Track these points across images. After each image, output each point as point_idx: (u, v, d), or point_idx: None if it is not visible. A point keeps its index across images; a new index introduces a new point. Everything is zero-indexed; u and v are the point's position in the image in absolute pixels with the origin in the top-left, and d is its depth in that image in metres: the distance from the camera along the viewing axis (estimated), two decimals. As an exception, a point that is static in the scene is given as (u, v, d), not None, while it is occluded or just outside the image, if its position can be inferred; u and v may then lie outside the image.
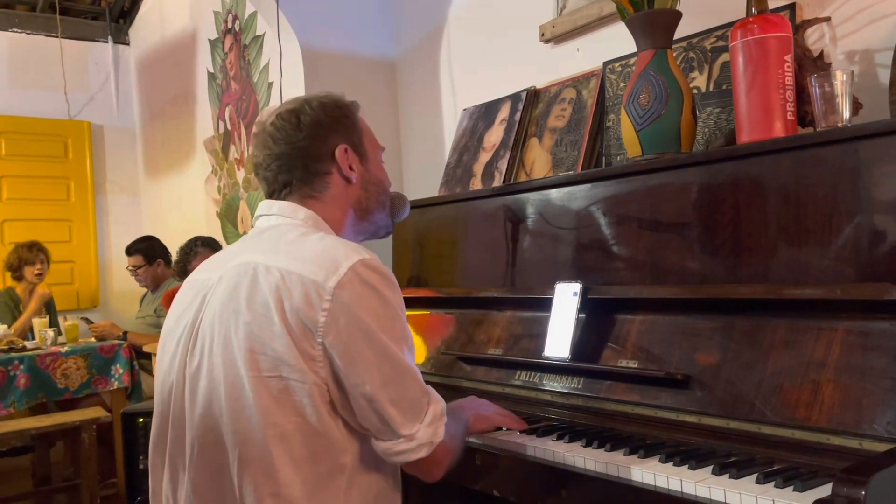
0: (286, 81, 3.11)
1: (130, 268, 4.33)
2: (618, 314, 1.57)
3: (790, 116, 1.47)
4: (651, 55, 1.64)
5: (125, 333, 4.05)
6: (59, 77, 5.20)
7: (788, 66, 1.47)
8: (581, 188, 1.74)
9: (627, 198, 1.64)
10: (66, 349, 3.70)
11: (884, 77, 1.57)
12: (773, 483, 1.07)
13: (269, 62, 3.65)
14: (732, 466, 1.14)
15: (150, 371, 3.95)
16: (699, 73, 1.79)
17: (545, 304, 1.68)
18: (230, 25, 4.11)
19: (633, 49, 1.73)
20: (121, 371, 3.78)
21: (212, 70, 4.39)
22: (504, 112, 2.32)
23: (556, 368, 1.62)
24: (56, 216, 5.28)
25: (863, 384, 1.14)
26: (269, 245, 1.21)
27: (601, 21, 2.21)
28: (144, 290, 4.48)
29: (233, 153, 4.16)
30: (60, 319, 4.32)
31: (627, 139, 1.69)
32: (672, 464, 1.20)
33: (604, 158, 2.00)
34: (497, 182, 2.21)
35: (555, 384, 1.62)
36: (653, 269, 1.56)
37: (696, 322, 1.42)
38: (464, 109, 2.56)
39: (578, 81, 2.12)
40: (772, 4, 1.56)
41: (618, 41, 2.03)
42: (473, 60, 2.77)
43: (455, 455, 1.22)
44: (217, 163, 4.36)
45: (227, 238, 4.22)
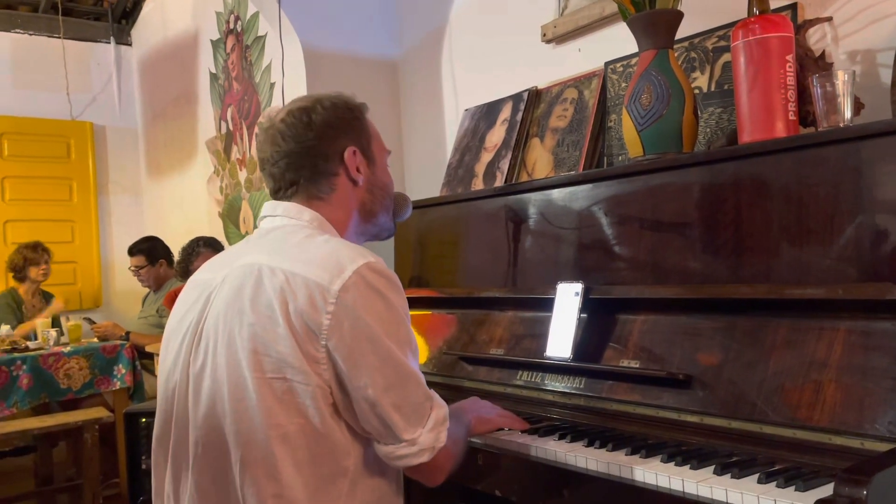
0: (288, 82, 3.12)
1: (133, 268, 4.34)
2: (619, 314, 1.57)
3: (792, 116, 1.47)
4: (653, 55, 1.64)
5: (127, 333, 4.06)
6: (62, 78, 5.21)
7: (790, 66, 1.47)
8: (583, 188, 1.74)
9: (629, 198, 1.64)
10: (69, 349, 3.70)
11: (885, 77, 1.57)
12: (775, 483, 1.07)
13: (271, 63, 3.65)
14: (734, 466, 1.14)
15: (153, 371, 3.96)
16: (701, 73, 1.79)
17: (547, 304, 1.68)
18: (232, 26, 4.11)
19: (635, 49, 1.73)
20: (123, 371, 3.79)
21: (214, 70, 4.39)
22: (506, 112, 2.32)
23: (558, 368, 1.62)
24: (58, 216, 5.29)
25: (864, 384, 1.14)
26: (274, 246, 1.21)
27: (603, 21, 2.21)
28: (147, 291, 4.49)
29: (235, 153, 4.16)
30: (63, 320, 4.33)
31: (629, 139, 1.69)
32: (674, 464, 1.20)
33: (605, 158, 2.00)
34: (499, 182, 2.21)
35: (556, 384, 1.62)
36: (654, 269, 1.56)
37: (698, 322, 1.42)
38: (465, 109, 2.56)
39: (580, 81, 2.12)
40: (773, 4, 1.56)
41: (619, 41, 2.03)
42: (475, 60, 2.77)
43: (457, 460, 1.22)
44: (219, 163, 4.37)
45: (229, 238, 4.23)
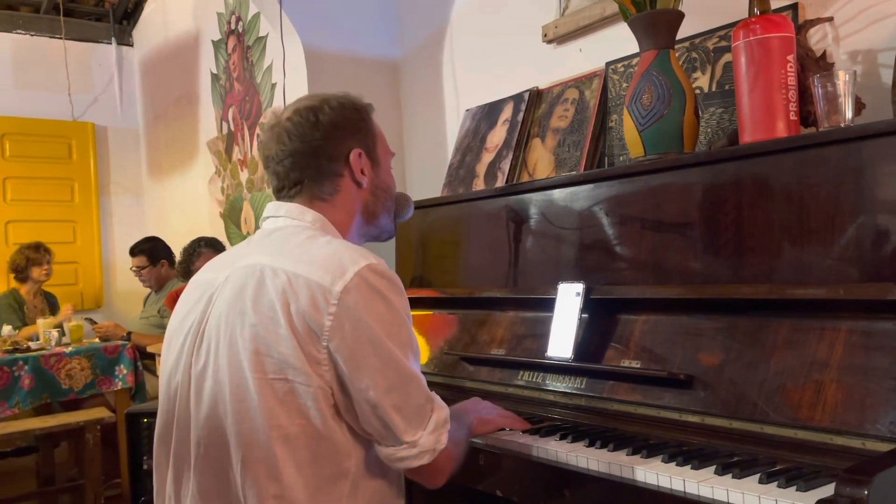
0: (289, 82, 3.12)
1: (134, 268, 4.35)
2: (621, 314, 1.57)
3: (793, 116, 1.47)
4: (653, 55, 1.64)
5: (129, 334, 4.06)
6: (63, 78, 5.21)
7: (791, 67, 1.47)
8: (584, 188, 1.74)
9: (630, 198, 1.64)
10: (71, 350, 3.71)
11: (886, 77, 1.57)
12: (776, 483, 1.07)
13: (273, 63, 3.65)
14: (735, 466, 1.14)
15: (154, 371, 3.96)
16: (702, 74, 1.79)
17: (548, 305, 1.68)
18: (233, 27, 4.11)
19: (636, 49, 1.73)
20: (125, 371, 3.79)
21: (215, 71, 4.39)
22: (507, 112, 2.32)
23: (559, 369, 1.62)
24: (60, 217, 5.29)
25: (866, 384, 1.14)
26: (277, 247, 1.21)
27: (604, 21, 2.21)
28: (148, 291, 4.49)
29: (236, 154, 4.16)
30: (60, 313, 4.34)
31: (630, 139, 1.69)
32: (675, 464, 1.20)
33: (606, 159, 2.00)
34: (500, 182, 2.21)
35: (558, 384, 1.62)
36: (655, 270, 1.56)
37: (699, 322, 1.42)
38: (466, 110, 2.56)
39: (581, 82, 2.13)
40: (774, 4, 1.56)
41: (620, 41, 2.03)
42: (476, 61, 2.77)
43: (458, 462, 1.22)
44: (220, 164, 4.37)
45: (231, 238, 4.23)
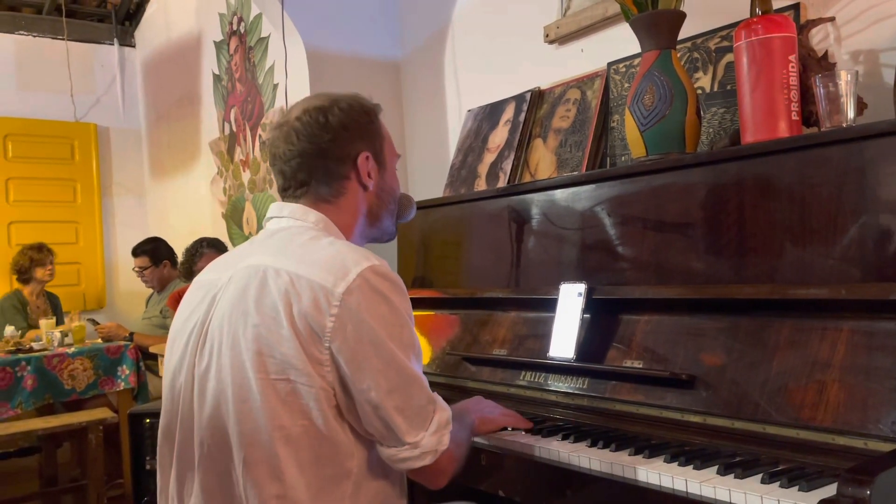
0: (291, 83, 3.12)
1: (136, 269, 4.35)
2: (623, 314, 1.57)
3: (795, 116, 1.47)
4: (655, 56, 1.64)
5: (131, 334, 4.07)
6: (66, 79, 5.22)
7: (793, 67, 1.47)
8: (585, 189, 1.74)
9: (632, 198, 1.64)
10: (73, 350, 3.71)
11: (888, 77, 1.57)
12: (779, 483, 1.07)
13: (274, 64, 3.65)
14: (737, 466, 1.14)
15: (157, 372, 3.97)
16: (703, 74, 1.79)
17: (550, 305, 1.68)
18: (235, 27, 4.12)
19: (638, 50, 1.73)
20: (127, 372, 3.79)
21: (217, 72, 4.40)
22: (508, 113, 2.32)
23: (561, 369, 1.62)
24: (62, 218, 5.30)
25: (868, 384, 1.14)
26: (279, 248, 1.21)
27: (605, 22, 2.21)
28: (150, 291, 4.50)
29: (238, 154, 4.17)
30: (67, 320, 4.34)
31: (632, 139, 1.69)
32: (677, 464, 1.21)
33: (608, 159, 2.00)
34: (501, 183, 2.22)
35: (560, 384, 1.62)
36: (657, 270, 1.56)
37: (701, 322, 1.43)
38: (468, 110, 2.56)
39: (583, 82, 2.13)
40: (776, 4, 1.56)
41: (622, 42, 2.03)
42: (478, 61, 2.77)
43: (459, 463, 1.22)
44: (222, 164, 4.37)
45: (233, 239, 4.23)
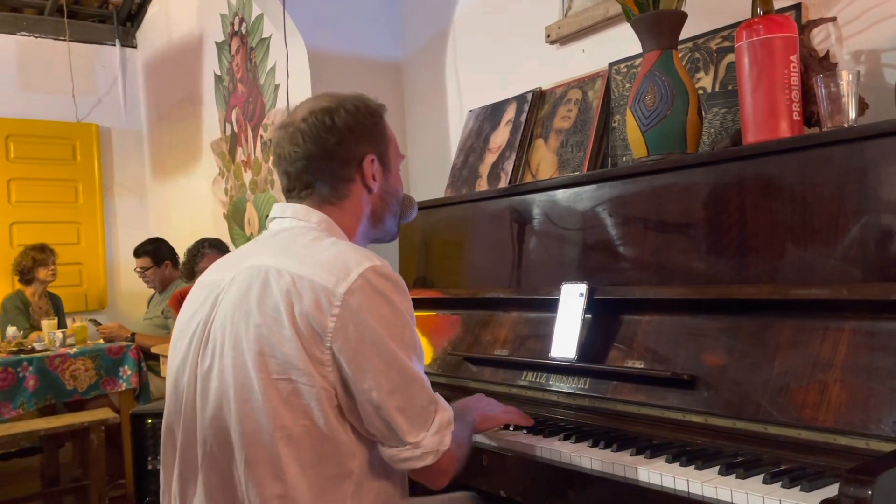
0: (293, 84, 3.13)
1: (138, 269, 4.36)
2: (624, 315, 1.57)
3: (796, 117, 1.47)
4: (656, 56, 1.64)
5: (133, 335, 4.07)
6: (67, 80, 5.22)
7: (794, 67, 1.47)
8: (587, 189, 1.74)
9: (633, 198, 1.64)
10: (75, 351, 3.71)
11: (890, 77, 1.57)
12: (780, 483, 1.07)
13: (276, 64, 3.66)
14: (739, 466, 1.14)
15: (158, 372, 3.97)
16: (705, 74, 1.79)
17: (551, 305, 1.68)
18: (237, 28, 4.12)
19: (639, 50, 1.73)
20: (129, 372, 3.80)
21: (218, 72, 4.40)
22: (510, 113, 2.32)
23: (563, 369, 1.62)
24: (64, 218, 5.31)
25: (869, 384, 1.13)
26: (282, 248, 1.21)
27: (607, 22, 2.21)
28: (152, 292, 4.50)
29: (239, 155, 4.17)
30: (69, 321, 4.35)
31: (633, 140, 1.69)
32: (679, 464, 1.21)
33: (609, 159, 2.00)
34: (503, 183, 2.22)
35: (561, 385, 1.62)
36: (659, 270, 1.56)
37: (703, 322, 1.42)
38: (469, 111, 2.56)
39: (584, 82, 2.13)
40: (777, 4, 1.56)
41: (623, 42, 2.03)
42: (479, 62, 2.78)
43: (461, 463, 1.22)
44: (224, 165, 4.38)
45: (234, 239, 4.24)
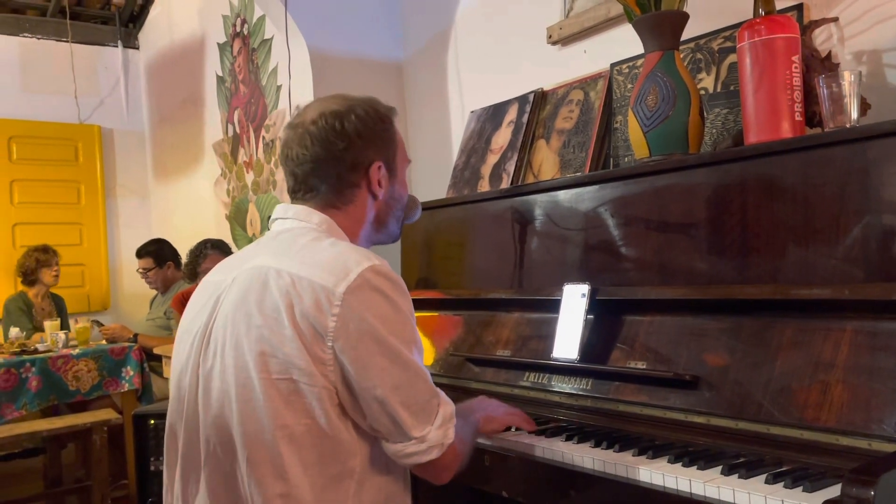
0: (294, 84, 3.13)
1: (140, 270, 4.36)
2: (626, 315, 1.57)
3: (798, 117, 1.47)
4: (658, 57, 1.64)
5: (135, 336, 4.08)
6: (70, 81, 5.23)
7: (796, 67, 1.47)
8: (589, 189, 1.74)
9: (635, 199, 1.64)
10: (77, 351, 3.72)
11: (892, 77, 1.57)
12: (783, 483, 1.07)
13: (278, 65, 3.67)
14: (741, 467, 1.15)
15: (161, 373, 3.98)
16: (706, 74, 1.79)
17: (553, 306, 1.68)
18: (239, 29, 4.13)
19: (641, 50, 1.73)
20: (131, 373, 3.80)
21: (220, 74, 4.41)
22: (511, 114, 2.33)
23: (565, 370, 1.62)
24: (67, 219, 5.32)
25: (871, 384, 1.13)
26: (282, 249, 1.22)
27: (608, 23, 2.21)
28: (154, 293, 4.51)
29: (242, 156, 4.17)
30: (71, 322, 4.35)
31: (635, 140, 1.69)
32: (681, 464, 1.21)
33: (611, 160, 2.00)
34: (505, 184, 2.22)
35: (563, 385, 1.62)
36: (661, 270, 1.56)
37: (705, 323, 1.43)
38: (471, 111, 2.56)
39: (586, 83, 2.13)
40: (779, 5, 1.56)
41: (625, 43, 2.03)
42: (480, 62, 2.78)
43: (464, 458, 1.23)
44: (226, 166, 4.38)
45: (237, 240, 4.24)
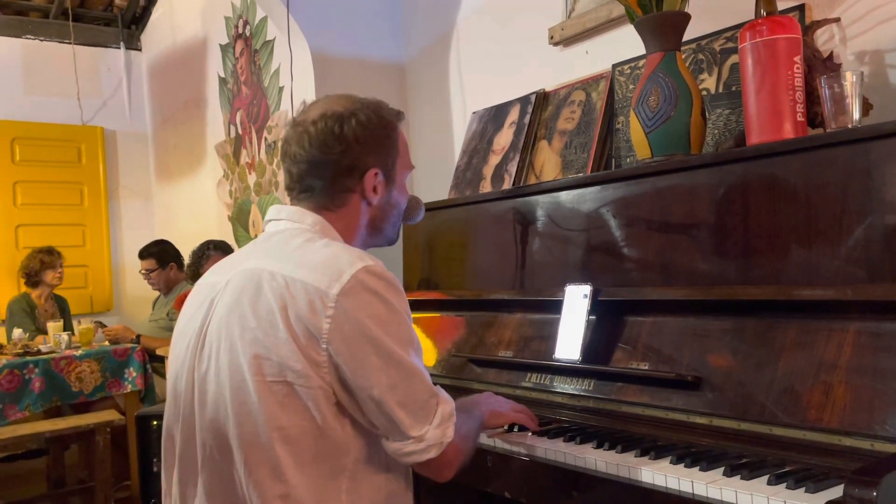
0: (297, 86, 3.13)
1: (143, 271, 4.37)
2: (628, 316, 1.57)
3: (800, 118, 1.47)
4: (660, 57, 1.64)
5: (138, 337, 4.08)
6: (72, 83, 5.24)
7: (798, 68, 1.46)
8: (591, 190, 1.74)
9: (637, 200, 1.64)
10: (80, 353, 3.72)
11: (894, 78, 1.57)
12: (785, 484, 1.07)
13: (280, 67, 3.67)
14: (744, 468, 1.14)
15: (163, 374, 3.98)
16: (708, 75, 1.79)
17: (555, 307, 1.68)
18: (241, 30, 4.13)
19: (642, 51, 1.73)
20: (134, 374, 3.81)
21: (223, 75, 4.41)
22: (513, 115, 2.33)
23: (567, 370, 1.62)
24: (70, 221, 5.33)
25: (874, 385, 1.13)
26: (275, 251, 1.21)
27: (610, 23, 2.21)
28: (157, 294, 4.52)
29: (244, 157, 4.18)
30: (74, 323, 4.36)
31: (637, 141, 1.69)
32: (683, 465, 1.21)
33: (613, 160, 2.00)
34: (507, 185, 2.22)
35: (566, 386, 1.62)
36: (663, 271, 1.56)
37: (707, 323, 1.43)
38: (473, 112, 2.56)
39: (587, 84, 2.13)
40: (781, 5, 1.56)
41: (627, 43, 2.03)
42: (482, 63, 2.78)
43: (466, 455, 1.22)
44: (228, 167, 4.39)
45: (239, 241, 4.25)
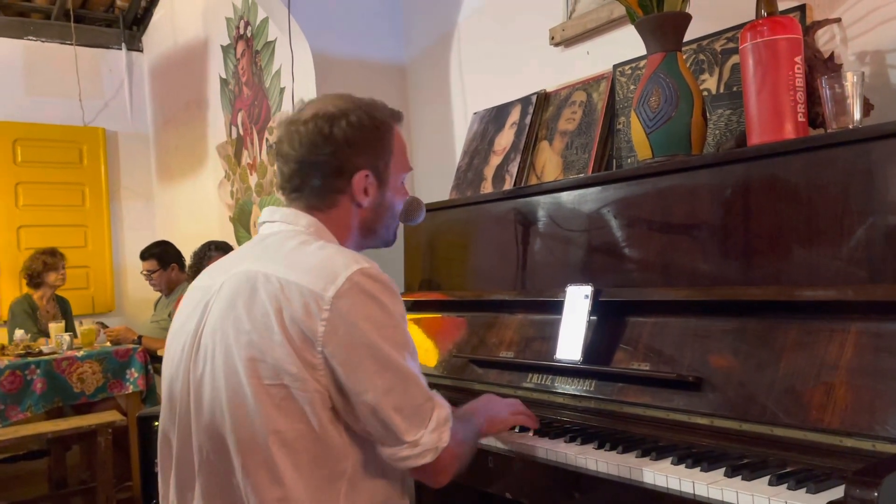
0: (298, 86, 3.13)
1: (145, 272, 4.37)
2: (629, 316, 1.57)
3: (801, 118, 1.47)
4: (661, 58, 1.64)
5: (140, 337, 4.09)
6: (74, 84, 5.25)
7: (799, 68, 1.46)
8: (592, 191, 1.74)
9: (638, 200, 1.64)
10: (82, 354, 3.73)
11: (895, 78, 1.57)
12: (786, 485, 1.07)
13: (281, 67, 3.67)
14: (745, 468, 1.14)
15: (165, 375, 3.98)
16: (709, 76, 1.79)
17: (556, 307, 1.68)
18: (242, 31, 4.14)
19: (643, 52, 1.73)
20: (136, 375, 3.81)
21: (224, 76, 4.42)
22: (514, 115, 2.33)
23: (568, 371, 1.62)
24: (71, 222, 5.33)
25: (875, 385, 1.13)
26: (270, 253, 1.20)
27: (611, 24, 2.21)
28: (158, 295, 4.52)
29: (245, 158, 4.18)
30: (76, 324, 4.37)
31: (638, 142, 1.69)
32: (684, 465, 1.21)
33: (614, 161, 2.00)
34: (508, 185, 2.22)
35: (567, 387, 1.62)
36: (664, 272, 1.56)
37: (708, 324, 1.42)
38: (474, 113, 2.56)
39: (588, 84, 2.13)
40: (782, 6, 1.56)
41: (627, 44, 2.03)
42: (483, 64, 2.78)
43: (463, 461, 1.21)
44: (230, 168, 4.39)
45: (240, 242, 4.25)
